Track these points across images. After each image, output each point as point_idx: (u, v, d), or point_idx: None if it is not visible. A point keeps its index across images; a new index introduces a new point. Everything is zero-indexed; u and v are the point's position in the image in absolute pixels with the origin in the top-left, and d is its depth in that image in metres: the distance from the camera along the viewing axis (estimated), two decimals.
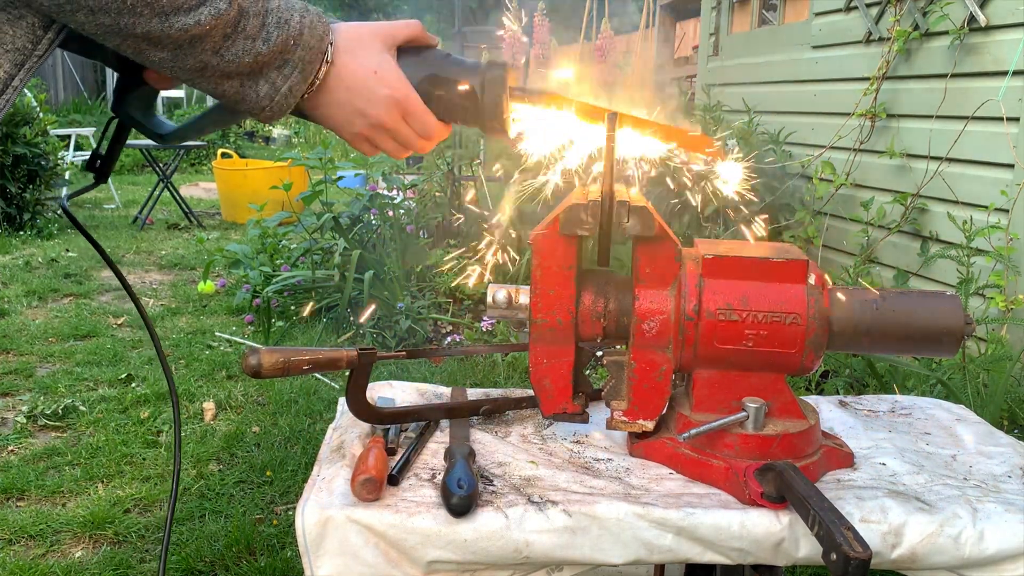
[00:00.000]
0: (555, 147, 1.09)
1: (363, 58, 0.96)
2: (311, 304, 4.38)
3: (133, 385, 3.64)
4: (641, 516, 1.00)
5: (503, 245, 1.20)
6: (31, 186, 6.86)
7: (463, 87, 1.00)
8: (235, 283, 5.21)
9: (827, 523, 0.89)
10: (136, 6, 0.80)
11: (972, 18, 3.23)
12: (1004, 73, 3.06)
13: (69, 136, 8.76)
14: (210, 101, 1.00)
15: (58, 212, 7.42)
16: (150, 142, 1.12)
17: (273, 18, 0.88)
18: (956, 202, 3.34)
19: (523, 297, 1.14)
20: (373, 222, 4.75)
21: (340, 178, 5.58)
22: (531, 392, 1.21)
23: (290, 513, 2.56)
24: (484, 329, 4.01)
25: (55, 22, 0.84)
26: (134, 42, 0.83)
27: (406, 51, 1.01)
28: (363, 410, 1.17)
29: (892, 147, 3.68)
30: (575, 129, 1.08)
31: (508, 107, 1.02)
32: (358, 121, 0.98)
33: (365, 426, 1.21)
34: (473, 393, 1.37)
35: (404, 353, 1.30)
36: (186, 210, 7.69)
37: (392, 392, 1.37)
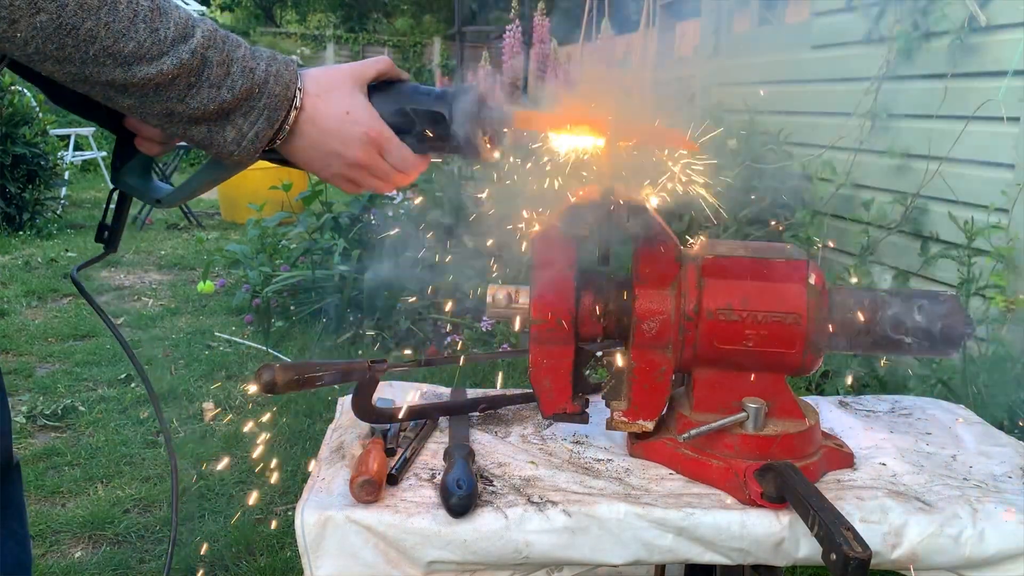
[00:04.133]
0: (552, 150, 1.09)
1: (335, 100, 0.97)
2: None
3: (132, 385, 3.64)
4: (641, 516, 1.00)
5: None
6: (30, 186, 6.86)
7: (434, 117, 1.00)
8: (235, 283, 5.21)
9: (827, 523, 0.89)
10: (99, 56, 0.83)
11: (972, 18, 3.23)
12: (1004, 73, 3.06)
13: (68, 136, 8.75)
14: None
15: (57, 212, 7.42)
16: None
17: (238, 67, 0.90)
18: (956, 202, 3.33)
19: (523, 297, 1.14)
20: (373, 222, 4.75)
21: None
22: (530, 390, 1.21)
23: (290, 513, 2.56)
24: (484, 329, 4.00)
25: None
26: (101, 89, 0.86)
27: (378, 87, 1.01)
28: (368, 414, 1.17)
29: (892, 147, 3.68)
30: (562, 137, 1.07)
31: (481, 131, 1.01)
32: (335, 162, 1.00)
33: (364, 426, 1.21)
34: (472, 393, 1.37)
35: (416, 363, 1.30)
36: (185, 210, 7.69)
37: (392, 392, 1.37)
